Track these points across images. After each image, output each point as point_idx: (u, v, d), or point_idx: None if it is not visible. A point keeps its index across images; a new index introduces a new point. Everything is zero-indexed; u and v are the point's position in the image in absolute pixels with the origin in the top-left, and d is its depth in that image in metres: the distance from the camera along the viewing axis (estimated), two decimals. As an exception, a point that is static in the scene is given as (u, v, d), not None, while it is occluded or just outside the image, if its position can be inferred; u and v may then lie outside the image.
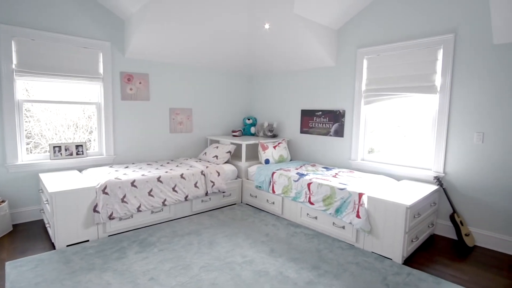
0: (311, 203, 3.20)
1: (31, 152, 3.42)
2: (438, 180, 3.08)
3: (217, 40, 4.15)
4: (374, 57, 3.66)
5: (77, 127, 3.77)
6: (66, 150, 3.53)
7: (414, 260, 2.65)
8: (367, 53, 3.70)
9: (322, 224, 3.17)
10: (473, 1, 2.88)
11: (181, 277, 2.27)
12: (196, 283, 2.20)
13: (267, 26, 3.77)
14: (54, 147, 3.46)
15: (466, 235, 2.92)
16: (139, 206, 3.11)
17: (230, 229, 3.23)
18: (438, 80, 3.15)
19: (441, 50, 3.11)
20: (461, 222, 2.96)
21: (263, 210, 3.87)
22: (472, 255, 2.78)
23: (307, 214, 3.32)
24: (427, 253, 2.80)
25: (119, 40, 3.79)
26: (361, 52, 3.75)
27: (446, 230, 3.18)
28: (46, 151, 3.51)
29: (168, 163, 4.05)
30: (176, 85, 4.42)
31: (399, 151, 3.62)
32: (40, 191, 3.19)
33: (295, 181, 3.40)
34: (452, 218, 2.99)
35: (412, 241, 2.68)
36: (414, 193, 2.84)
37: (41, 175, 3.18)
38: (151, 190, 3.21)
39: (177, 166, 3.85)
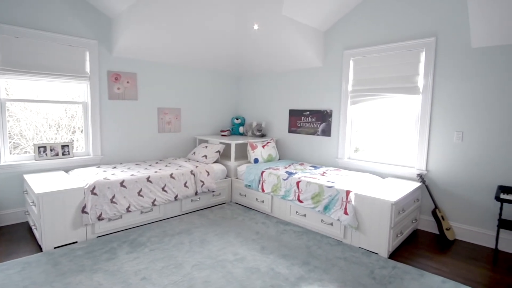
0: (300, 201, 3.26)
1: (10, 153, 3.31)
2: (421, 177, 3.22)
3: (206, 40, 4.15)
4: (360, 59, 3.77)
5: (59, 127, 3.68)
6: (51, 150, 3.46)
7: (399, 254, 2.77)
8: (353, 54, 3.81)
9: (311, 221, 3.25)
10: (453, 6, 3.03)
11: (174, 276, 2.28)
12: (189, 282, 2.21)
13: (256, 27, 3.81)
14: (39, 147, 3.38)
15: (447, 229, 3.06)
16: (129, 207, 3.08)
17: (221, 228, 3.25)
18: (420, 81, 3.29)
19: (423, 53, 3.24)
20: (442, 217, 3.10)
21: (253, 209, 3.92)
22: (453, 248, 2.92)
23: (296, 212, 3.38)
24: (411, 247, 2.93)
25: (107, 38, 3.73)
26: (348, 53, 3.86)
27: (429, 225, 3.33)
28: (27, 151, 3.42)
29: (156, 163, 4.03)
30: (164, 85, 4.39)
31: (383, 150, 3.74)
32: (25, 192, 3.11)
33: (284, 179, 3.46)
34: (434, 213, 3.13)
35: (397, 236, 2.79)
36: (399, 190, 2.95)
37: (26, 176, 3.10)
38: (140, 190, 3.19)
39: (166, 166, 3.84)
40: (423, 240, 3.10)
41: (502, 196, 2.56)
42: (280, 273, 2.37)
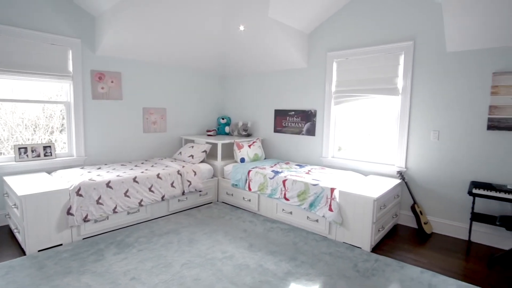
0: (286, 199, 3.35)
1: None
2: (401, 175, 3.38)
3: (192, 40, 4.16)
4: (343, 61, 3.89)
5: (35, 127, 3.56)
6: (32, 151, 3.36)
7: (381, 247, 2.90)
8: (336, 56, 3.93)
9: (297, 218, 3.34)
10: (430, 12, 3.19)
11: (163, 275, 2.30)
12: (179, 280, 2.24)
13: (242, 27, 3.86)
14: (19, 148, 3.28)
15: (425, 223, 3.23)
16: (115, 207, 3.06)
17: (209, 227, 3.28)
18: (400, 83, 3.44)
19: (403, 56, 3.40)
20: (420, 212, 3.27)
21: (240, 208, 3.97)
22: (430, 241, 3.09)
23: (283, 209, 3.46)
24: (392, 241, 3.07)
25: (90, 37, 3.67)
26: (331, 55, 3.97)
27: (408, 220, 3.50)
28: (1, 153, 3.31)
29: (142, 163, 4.00)
30: (149, 84, 4.36)
31: (365, 149, 3.89)
32: (5, 195, 3.02)
33: (271, 178, 3.54)
34: (412, 208, 3.30)
35: (379, 230, 2.92)
36: (380, 186, 3.09)
37: (6, 178, 3.01)
38: (127, 191, 3.17)
39: (152, 166, 3.82)
40: (403, 234, 3.26)
41: (475, 191, 2.75)
42: (268, 269, 2.43)
